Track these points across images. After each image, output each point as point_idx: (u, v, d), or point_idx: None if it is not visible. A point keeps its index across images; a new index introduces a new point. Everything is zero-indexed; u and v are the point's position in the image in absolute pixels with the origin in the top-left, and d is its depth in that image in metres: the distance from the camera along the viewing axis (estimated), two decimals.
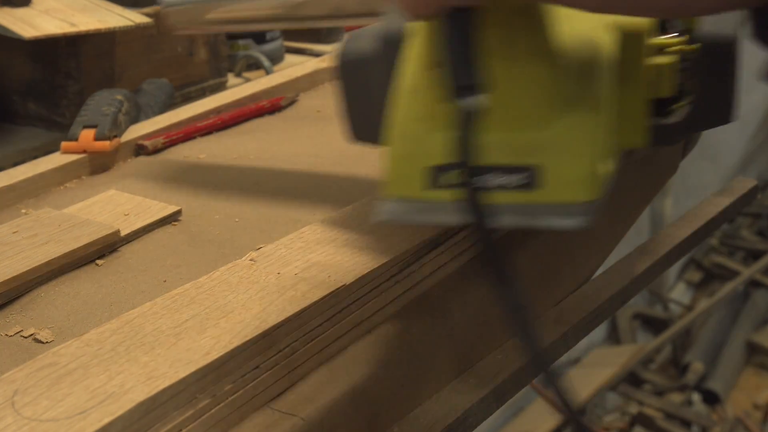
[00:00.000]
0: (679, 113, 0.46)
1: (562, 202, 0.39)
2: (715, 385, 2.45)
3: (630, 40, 0.44)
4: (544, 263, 0.58)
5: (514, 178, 0.39)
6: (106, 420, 0.35)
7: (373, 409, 0.46)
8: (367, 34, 0.51)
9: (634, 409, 2.41)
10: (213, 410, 0.40)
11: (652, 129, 0.46)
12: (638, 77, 0.45)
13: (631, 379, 2.52)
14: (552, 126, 0.39)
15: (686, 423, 2.35)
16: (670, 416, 2.37)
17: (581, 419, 0.35)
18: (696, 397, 2.47)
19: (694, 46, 0.45)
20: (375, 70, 0.49)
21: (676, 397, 2.46)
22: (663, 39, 0.46)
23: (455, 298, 0.52)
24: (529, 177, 0.39)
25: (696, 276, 2.95)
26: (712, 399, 2.44)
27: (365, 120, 0.52)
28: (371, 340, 0.47)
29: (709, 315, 2.67)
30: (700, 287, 2.94)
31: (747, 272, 2.71)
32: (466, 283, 0.53)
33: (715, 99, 0.46)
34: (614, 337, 2.65)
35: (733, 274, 2.79)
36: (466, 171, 0.37)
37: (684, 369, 2.53)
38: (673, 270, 2.90)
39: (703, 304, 2.68)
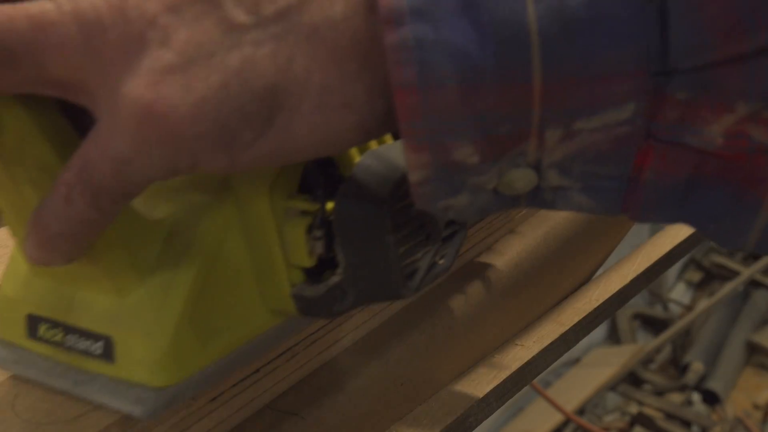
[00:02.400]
0: (323, 285, 0.37)
1: (132, 383, 0.35)
2: (715, 385, 2.45)
3: (254, 200, 0.36)
4: (544, 262, 0.58)
5: (93, 346, 0.35)
6: (106, 422, 0.35)
7: (373, 408, 0.46)
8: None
9: (634, 409, 2.41)
10: (213, 411, 0.40)
11: (298, 299, 0.37)
12: (269, 243, 0.37)
13: (631, 379, 2.52)
14: (131, 293, 0.35)
15: (686, 423, 2.35)
16: (670, 416, 2.38)
17: None
18: (696, 397, 2.47)
19: (331, 208, 0.36)
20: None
21: (676, 397, 2.46)
22: (298, 200, 0.37)
23: (455, 298, 0.52)
24: (105, 348, 0.35)
25: (696, 276, 2.95)
26: (712, 399, 2.44)
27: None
28: (371, 340, 0.47)
29: (709, 315, 2.67)
30: (700, 287, 2.94)
31: (747, 272, 2.71)
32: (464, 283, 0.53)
33: (368, 271, 0.37)
34: (614, 337, 2.65)
35: (733, 274, 2.79)
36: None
37: (684, 369, 2.53)
38: (673, 270, 2.90)
39: (703, 304, 2.68)
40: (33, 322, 0.37)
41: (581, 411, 2.30)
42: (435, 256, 0.40)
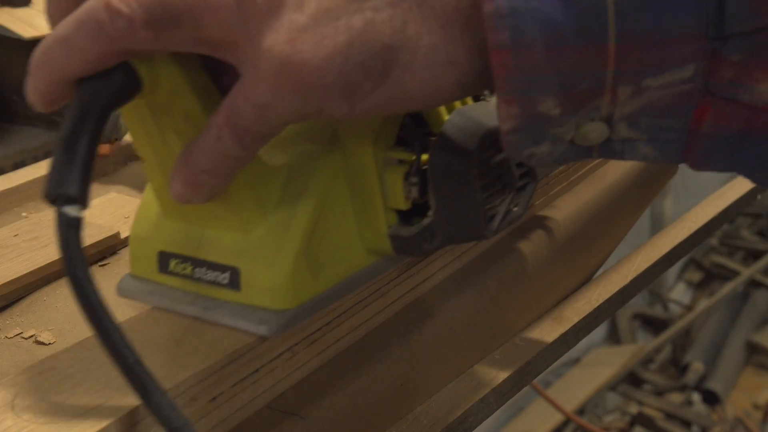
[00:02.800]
0: (416, 226, 0.43)
1: (256, 307, 0.40)
2: (715, 385, 2.45)
3: (360, 150, 0.42)
4: (544, 263, 0.58)
5: (221, 277, 0.41)
6: (105, 423, 0.35)
7: (373, 408, 0.46)
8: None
9: (634, 409, 2.41)
10: (213, 411, 0.40)
11: (393, 238, 0.43)
12: (371, 188, 0.43)
13: (631, 379, 2.53)
14: (255, 230, 0.40)
15: (686, 423, 2.35)
16: (670, 416, 2.38)
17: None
18: (696, 397, 2.47)
19: (425, 159, 0.43)
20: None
21: (676, 397, 2.46)
22: (397, 152, 0.43)
23: (451, 299, 0.52)
24: (231, 277, 0.40)
25: (696, 276, 2.96)
26: (712, 399, 2.44)
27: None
28: (372, 341, 0.47)
29: (709, 315, 2.67)
30: (700, 287, 2.94)
31: (747, 272, 2.71)
32: (463, 286, 0.53)
33: (455, 214, 0.43)
34: (614, 337, 2.66)
35: (733, 274, 2.79)
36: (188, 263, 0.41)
37: (684, 369, 2.54)
38: (673, 270, 2.90)
39: (703, 304, 2.68)
40: (164, 258, 0.42)
41: (581, 411, 2.30)
42: (510, 203, 0.46)
